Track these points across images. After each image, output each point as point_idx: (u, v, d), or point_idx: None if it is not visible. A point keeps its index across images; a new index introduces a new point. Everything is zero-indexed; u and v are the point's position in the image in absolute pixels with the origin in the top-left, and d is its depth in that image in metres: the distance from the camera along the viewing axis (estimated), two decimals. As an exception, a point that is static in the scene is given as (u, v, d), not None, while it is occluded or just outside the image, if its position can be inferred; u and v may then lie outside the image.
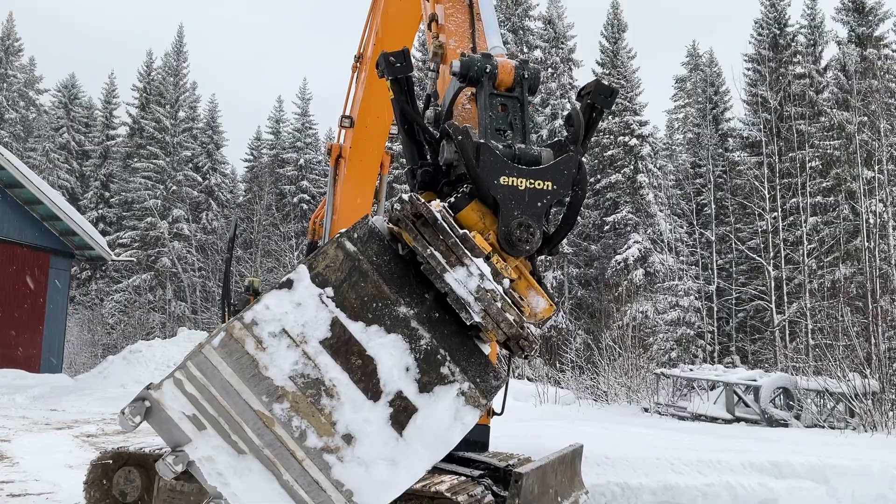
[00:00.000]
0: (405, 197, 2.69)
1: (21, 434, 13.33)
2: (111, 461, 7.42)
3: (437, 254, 2.66)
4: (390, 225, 2.76)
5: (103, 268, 45.69)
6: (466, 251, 2.69)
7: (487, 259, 2.77)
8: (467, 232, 2.77)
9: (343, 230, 2.74)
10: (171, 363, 23.41)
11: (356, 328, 2.64)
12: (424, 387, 2.68)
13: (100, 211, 51.12)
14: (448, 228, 2.69)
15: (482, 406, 2.78)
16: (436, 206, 2.79)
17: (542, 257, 3.27)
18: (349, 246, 2.71)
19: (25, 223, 24.74)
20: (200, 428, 2.47)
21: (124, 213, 49.48)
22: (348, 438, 2.56)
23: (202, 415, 2.47)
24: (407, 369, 2.67)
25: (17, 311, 24.35)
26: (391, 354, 2.65)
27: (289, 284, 2.60)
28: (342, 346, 2.61)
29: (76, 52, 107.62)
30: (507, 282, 2.79)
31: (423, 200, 2.71)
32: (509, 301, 2.74)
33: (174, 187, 48.37)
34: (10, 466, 10.33)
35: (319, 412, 2.55)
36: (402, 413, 2.64)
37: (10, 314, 24.09)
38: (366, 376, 2.61)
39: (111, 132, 56.04)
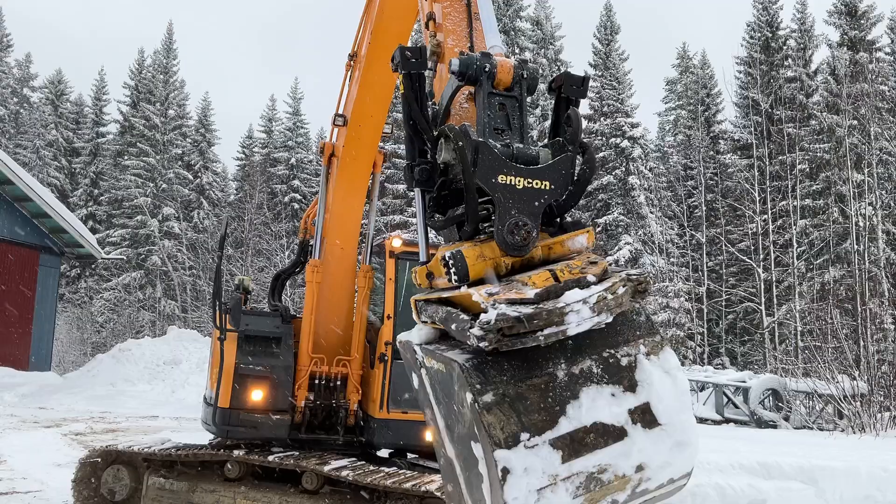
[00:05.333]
0: (478, 332, 2.62)
1: (9, 432, 13.26)
2: (99, 459, 7.40)
3: (549, 332, 2.67)
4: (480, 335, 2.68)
5: (93, 266, 45.42)
6: (558, 308, 2.69)
7: (558, 281, 2.80)
8: (541, 289, 2.76)
9: (468, 395, 2.66)
10: (160, 362, 23.35)
11: (565, 425, 2.72)
12: (633, 388, 2.84)
13: (89, 209, 50.86)
14: (534, 311, 2.66)
15: (665, 341, 2.97)
16: (480, 295, 2.73)
17: None
18: (488, 398, 2.67)
19: (15, 220, 24.60)
20: None
21: (114, 211, 49.25)
22: (640, 468, 2.80)
23: None
24: (613, 395, 2.81)
25: (6, 309, 24.21)
26: (598, 406, 2.77)
27: (505, 472, 2.60)
28: (575, 444, 2.71)
29: (70, 51, 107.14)
30: (590, 277, 2.83)
31: (490, 320, 2.61)
32: (608, 285, 2.80)
33: (164, 185, 48.21)
34: (-2, 465, 10.28)
35: (610, 485, 2.76)
36: (646, 416, 2.82)
37: (-2, 312, 23.98)
38: (608, 435, 2.75)
39: (101, 129, 55.82)
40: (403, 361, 3.22)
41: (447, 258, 2.92)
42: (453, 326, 2.80)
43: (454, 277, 2.90)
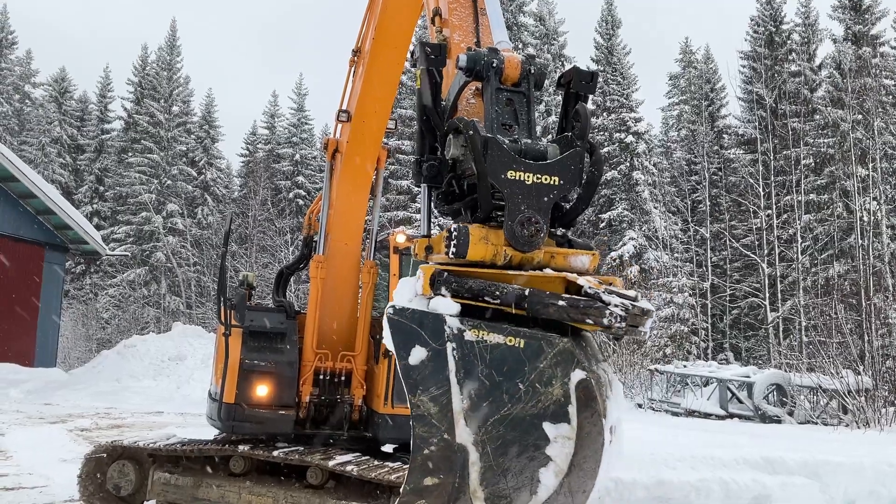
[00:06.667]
0: (622, 313, 2.85)
1: (15, 428, 13.31)
2: (105, 455, 7.42)
3: (642, 330, 3.05)
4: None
5: (98, 262, 45.51)
6: (650, 311, 3.08)
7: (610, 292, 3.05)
8: (634, 292, 3.16)
9: (578, 372, 2.78)
10: (165, 358, 23.42)
11: (611, 418, 3.02)
12: (612, 399, 3.13)
13: (94, 205, 50.90)
14: (646, 308, 3.03)
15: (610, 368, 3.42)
16: (589, 281, 2.99)
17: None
18: (594, 376, 2.87)
19: (20, 217, 24.65)
20: None
21: (119, 208, 49.29)
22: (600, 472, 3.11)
23: None
24: (611, 402, 3.11)
25: (11, 306, 24.26)
26: (613, 407, 3.08)
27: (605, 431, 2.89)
28: (610, 436, 3.05)
29: (70, 51, 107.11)
30: (639, 295, 3.17)
31: (629, 307, 2.87)
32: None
33: (169, 182, 48.25)
34: (4, 460, 10.33)
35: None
36: (615, 426, 3.15)
37: (4, 308, 24.01)
38: (612, 435, 3.06)
39: (106, 126, 55.83)
40: (397, 331, 2.95)
41: (452, 230, 2.94)
42: (560, 303, 2.78)
43: (452, 251, 2.90)
